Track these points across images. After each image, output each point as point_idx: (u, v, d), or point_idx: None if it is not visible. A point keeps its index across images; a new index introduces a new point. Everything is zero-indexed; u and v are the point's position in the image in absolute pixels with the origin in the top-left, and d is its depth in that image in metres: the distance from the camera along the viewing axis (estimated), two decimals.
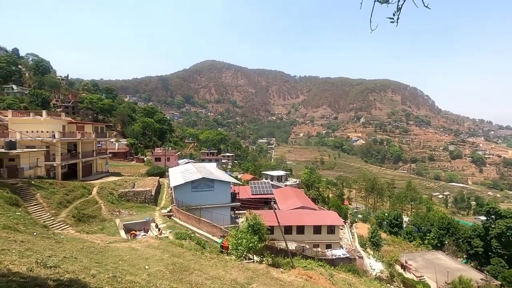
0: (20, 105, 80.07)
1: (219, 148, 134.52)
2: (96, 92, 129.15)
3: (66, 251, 12.91)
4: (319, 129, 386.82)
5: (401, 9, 3.80)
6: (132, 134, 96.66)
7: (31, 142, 35.09)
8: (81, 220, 26.35)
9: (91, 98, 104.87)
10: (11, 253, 9.00)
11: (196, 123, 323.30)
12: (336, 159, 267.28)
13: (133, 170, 56.75)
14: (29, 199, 25.29)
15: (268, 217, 26.52)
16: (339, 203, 70.70)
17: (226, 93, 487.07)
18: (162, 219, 31.04)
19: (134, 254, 16.06)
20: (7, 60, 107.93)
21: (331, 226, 36.11)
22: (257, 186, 53.30)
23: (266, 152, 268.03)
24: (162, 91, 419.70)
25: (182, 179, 36.55)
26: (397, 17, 3.84)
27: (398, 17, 3.84)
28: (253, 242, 21.02)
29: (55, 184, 30.80)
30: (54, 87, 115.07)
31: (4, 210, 20.38)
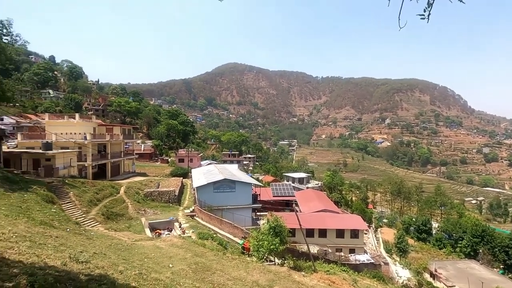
0: (55, 108, 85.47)
1: (240, 150, 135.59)
2: (124, 96, 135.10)
3: (96, 247, 13.54)
4: (342, 130, 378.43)
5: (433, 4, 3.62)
6: (157, 136, 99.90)
7: (65, 143, 37.29)
8: (109, 218, 27.56)
9: (119, 101, 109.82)
10: (47, 248, 9.59)
11: (218, 125, 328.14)
12: (359, 161, 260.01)
13: (158, 170, 58.57)
14: (63, 197, 26.85)
15: (290, 219, 26.33)
16: (363, 206, 68.68)
17: (247, 95, 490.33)
18: (185, 219, 31.72)
19: (159, 252, 16.53)
20: (44, 67, 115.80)
21: (355, 230, 35.10)
22: (278, 188, 53.01)
23: (287, 154, 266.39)
24: (186, 94, 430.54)
25: (204, 180, 37.19)
26: (428, 13, 3.67)
27: (430, 13, 3.67)
28: (274, 244, 20.96)
29: (86, 183, 32.47)
30: (86, 91, 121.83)
31: (41, 207, 21.78)
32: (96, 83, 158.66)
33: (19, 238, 9.51)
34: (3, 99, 31.71)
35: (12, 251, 7.14)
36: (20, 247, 7.95)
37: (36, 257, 7.15)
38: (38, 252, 8.05)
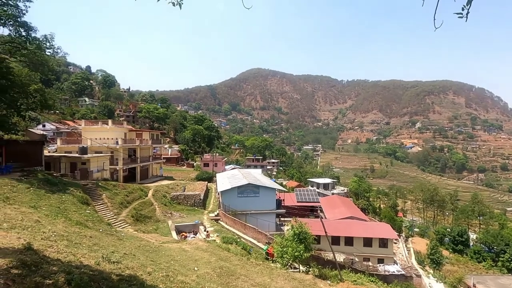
0: (91, 115, 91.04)
1: (264, 155, 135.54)
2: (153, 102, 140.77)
3: (126, 248, 14.09)
4: (369, 135, 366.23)
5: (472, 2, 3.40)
6: (183, 141, 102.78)
7: (99, 148, 39.45)
8: (138, 220, 28.62)
9: (148, 107, 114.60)
10: (82, 247, 10.13)
11: (242, 129, 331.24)
12: (388, 167, 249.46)
13: (183, 174, 60.10)
14: (96, 199, 28.33)
15: (314, 226, 25.78)
16: (392, 214, 65.63)
17: (271, 100, 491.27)
18: (209, 223, 32.16)
19: (184, 255, 16.85)
20: (81, 77, 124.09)
21: (384, 239, 33.58)
22: (302, 193, 52.24)
23: (311, 159, 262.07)
24: (211, 100, 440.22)
25: (228, 184, 37.55)
26: (466, 11, 3.45)
27: (468, 11, 3.45)
28: (299, 251, 20.60)
29: (118, 186, 34.04)
30: (118, 98, 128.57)
31: (77, 208, 23.13)
32: (127, 91, 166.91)
33: (57, 237, 10.13)
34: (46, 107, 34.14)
35: (51, 249, 7.61)
36: (59, 246, 8.46)
37: (73, 256, 7.57)
38: (74, 251, 8.52)
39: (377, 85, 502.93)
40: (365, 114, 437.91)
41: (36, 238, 8.51)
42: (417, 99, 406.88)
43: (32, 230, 10.06)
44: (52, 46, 27.55)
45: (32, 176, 25.18)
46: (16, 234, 8.01)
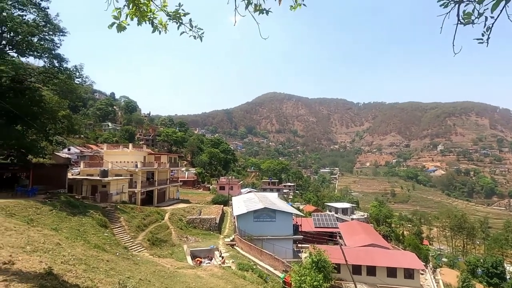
0: (113, 139, 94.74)
1: (280, 178, 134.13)
2: (171, 126, 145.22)
3: (141, 273, 13.96)
4: (388, 157, 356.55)
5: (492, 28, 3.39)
6: (200, 164, 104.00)
7: (119, 171, 40.54)
8: (154, 244, 28.51)
9: (167, 131, 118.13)
10: (99, 272, 10.14)
11: (258, 152, 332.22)
12: (410, 191, 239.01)
13: (200, 197, 60.15)
14: (114, 221, 28.66)
15: (334, 253, 24.65)
16: (416, 242, 61.93)
17: (287, 123, 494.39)
18: (225, 248, 31.50)
19: (199, 282, 16.45)
20: (106, 103, 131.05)
21: (409, 269, 31.43)
22: (320, 218, 50.58)
23: (329, 182, 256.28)
24: (227, 123, 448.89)
25: (244, 208, 37.07)
26: (487, 37, 3.43)
27: (489, 36, 3.43)
28: (318, 281, 19.65)
29: (135, 209, 34.43)
30: (139, 123, 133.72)
31: (95, 230, 23.45)
32: (148, 116, 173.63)
33: (76, 261, 10.22)
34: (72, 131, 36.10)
35: (70, 274, 7.67)
36: (77, 270, 8.51)
37: (90, 281, 7.57)
38: (92, 276, 8.53)
39: (394, 107, 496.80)
40: (383, 136, 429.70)
41: (56, 261, 8.63)
42: (438, 121, 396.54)
43: (53, 253, 10.23)
44: (81, 76, 29.56)
45: (55, 198, 26.01)
46: (38, 257, 8.16)
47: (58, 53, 27.16)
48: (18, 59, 28.05)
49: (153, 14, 4.10)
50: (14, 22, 23.07)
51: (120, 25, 3.91)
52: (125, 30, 4.04)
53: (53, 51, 26.63)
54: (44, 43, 25.84)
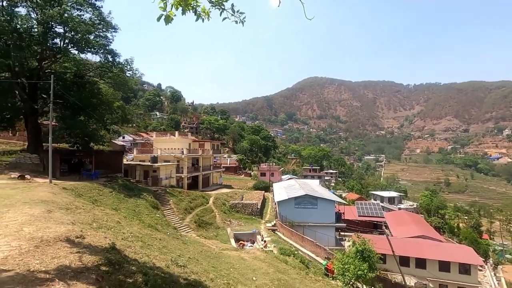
0: (160, 127, 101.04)
1: (321, 165, 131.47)
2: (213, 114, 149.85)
3: (190, 253, 14.98)
4: (442, 144, 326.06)
5: None
6: (241, 151, 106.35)
7: (167, 157, 43.33)
8: (200, 226, 30.27)
9: (209, 119, 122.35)
10: (154, 249, 11.11)
11: (299, 139, 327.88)
12: (468, 180, 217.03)
13: (241, 183, 61.84)
14: (164, 204, 30.96)
15: (379, 243, 23.71)
16: (475, 236, 56.60)
17: (328, 109, 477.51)
18: (266, 232, 32.21)
19: (243, 264, 17.14)
20: (153, 93, 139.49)
21: (465, 264, 29.04)
22: (364, 207, 48.82)
23: (374, 170, 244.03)
24: (267, 110, 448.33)
25: (285, 194, 37.27)
26: None
27: None
28: (362, 270, 19.17)
29: (183, 193, 36.71)
30: (183, 111, 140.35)
31: (148, 211, 25.61)
32: (191, 104, 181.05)
33: (134, 238, 11.32)
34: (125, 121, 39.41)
35: (130, 249, 8.53)
36: (135, 247, 9.43)
37: (147, 257, 8.34)
38: (147, 252, 9.39)
39: (451, 88, 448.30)
40: (437, 120, 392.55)
41: (117, 238, 9.64)
42: (504, 102, 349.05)
43: (115, 230, 11.44)
44: (131, 69, 31.74)
45: (114, 181, 28.84)
46: (103, 233, 9.20)
47: (111, 49, 29.38)
48: (79, 56, 31.01)
49: (196, 2, 4.16)
50: (74, 22, 25.35)
51: (168, 16, 4.04)
52: (172, 22, 4.18)
53: (107, 47, 28.84)
54: (99, 40, 28.07)
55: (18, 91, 26.66)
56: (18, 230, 7.12)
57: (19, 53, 24.08)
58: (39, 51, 27.10)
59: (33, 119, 28.46)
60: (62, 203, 13.09)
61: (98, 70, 31.10)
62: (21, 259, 5.23)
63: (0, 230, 6.97)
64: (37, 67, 27.55)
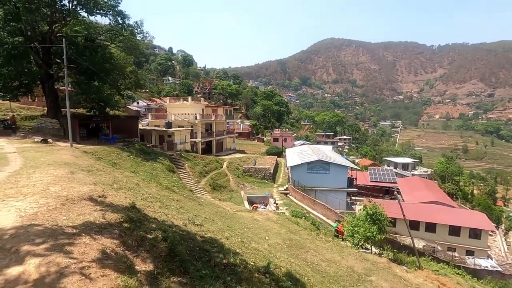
0: (173, 92, 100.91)
1: (335, 131, 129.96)
2: (226, 79, 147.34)
3: (206, 213, 15.72)
4: (464, 109, 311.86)
5: None
6: (254, 116, 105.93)
7: (181, 122, 43.81)
8: (215, 189, 31.40)
9: (222, 84, 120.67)
10: (172, 209, 11.70)
11: (312, 104, 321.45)
12: (487, 147, 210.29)
13: (254, 148, 62.53)
14: (180, 168, 32.00)
15: (390, 207, 24.03)
16: (488, 202, 56.29)
17: (344, 72, 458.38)
18: (279, 196, 33.17)
19: (256, 224, 17.92)
20: (165, 58, 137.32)
21: (476, 229, 29.32)
22: (377, 173, 48.82)
23: (389, 136, 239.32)
24: (281, 74, 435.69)
25: (298, 160, 37.58)
26: None
27: None
28: (371, 232, 19.70)
29: (197, 157, 37.64)
30: (195, 76, 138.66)
31: (165, 174, 26.61)
32: (203, 69, 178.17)
33: (152, 199, 11.90)
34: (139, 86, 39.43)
35: (149, 209, 9.00)
36: (154, 207, 9.94)
37: (165, 216, 8.81)
38: (166, 212, 9.91)
39: (479, 49, 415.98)
40: (461, 84, 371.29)
41: (137, 198, 10.15)
42: None
43: (134, 191, 12.03)
44: (142, 31, 30.91)
45: (131, 146, 29.75)
46: (123, 194, 9.69)
47: (120, 10, 28.44)
48: (88, 19, 30.32)
49: None
50: None
51: None
52: None
53: (116, 8, 27.92)
54: (107, 0, 27.14)
55: (33, 56, 26.80)
56: (45, 189, 7.58)
57: (29, 16, 23.78)
58: (49, 14, 26.63)
59: (50, 85, 28.90)
60: (83, 165, 13.72)
61: (109, 34, 30.53)
62: (49, 215, 5.62)
63: (29, 189, 7.45)
64: (48, 31, 27.29)
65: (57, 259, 3.86)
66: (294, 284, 7.21)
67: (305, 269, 11.01)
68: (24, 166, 11.05)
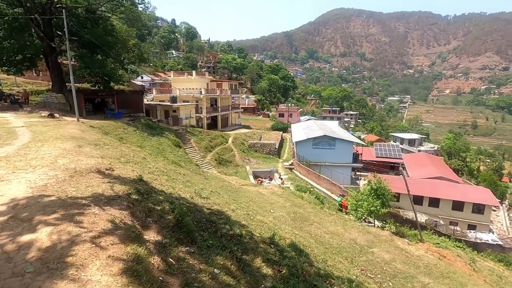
0: (178, 67, 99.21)
1: (341, 106, 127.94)
2: (230, 53, 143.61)
3: (212, 187, 16.00)
4: (476, 84, 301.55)
5: None
6: (259, 91, 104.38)
7: (186, 97, 43.46)
8: (220, 163, 31.77)
9: (226, 58, 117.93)
10: (178, 182, 11.90)
11: (319, 79, 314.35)
12: (497, 123, 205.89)
13: (260, 124, 62.30)
14: (186, 142, 32.24)
15: (394, 183, 24.15)
16: (494, 178, 56.22)
17: (353, 45, 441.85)
18: (284, 171, 33.49)
19: (261, 198, 18.26)
20: (168, 30, 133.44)
21: (479, 204, 29.50)
22: (383, 148, 48.64)
23: (396, 112, 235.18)
24: (287, 48, 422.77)
25: (304, 135, 37.44)
26: None
27: None
28: (375, 206, 19.98)
29: (203, 132, 37.76)
30: (199, 50, 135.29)
31: (171, 149, 26.88)
32: (207, 42, 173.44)
33: (159, 173, 12.09)
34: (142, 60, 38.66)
35: (156, 182, 9.15)
36: (161, 180, 10.11)
37: (172, 189, 8.96)
38: (173, 185, 10.08)
39: (497, 19, 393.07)
40: (475, 57, 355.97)
41: (144, 172, 10.31)
42: None
43: (141, 165, 12.20)
44: (143, 1, 29.82)
45: (137, 121, 29.85)
46: (131, 167, 9.84)
47: None
48: None
49: None
50: None
51: None
52: None
53: None
54: None
55: (34, 29, 26.25)
56: (53, 162, 7.70)
57: None
58: None
59: (53, 58, 28.55)
60: (90, 139, 13.86)
61: (109, 4, 29.51)
62: (59, 186, 5.74)
63: (38, 162, 7.58)
64: (47, 1, 26.47)
65: (68, 228, 3.97)
66: (298, 254, 7.42)
67: (309, 241, 11.31)
68: (32, 140, 11.20)
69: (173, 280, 3.56)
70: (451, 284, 11.65)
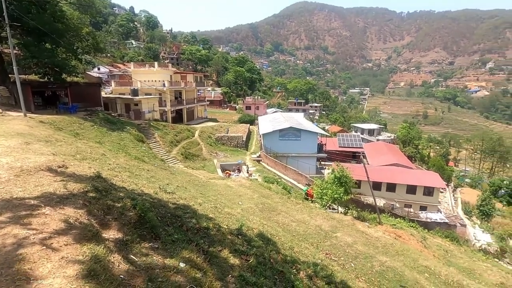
0: (138, 58, 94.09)
1: (306, 98, 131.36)
2: (194, 44, 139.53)
3: (178, 181, 15.62)
4: (427, 77, 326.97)
5: None
6: (225, 83, 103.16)
7: (148, 90, 41.54)
8: (187, 158, 31.07)
9: (190, 49, 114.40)
10: (142, 178, 11.43)
11: (285, 72, 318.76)
12: (444, 113, 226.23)
13: (226, 117, 61.82)
14: (150, 137, 30.95)
15: (356, 171, 25.55)
16: (442, 163, 61.91)
17: (317, 38, 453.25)
18: (251, 163, 33.73)
19: (229, 191, 18.26)
20: (127, 19, 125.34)
21: (429, 187, 32.40)
22: (345, 138, 51.02)
23: (357, 103, 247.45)
24: (252, 40, 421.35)
25: (270, 127, 37.91)
26: None
27: None
28: (338, 194, 21.00)
29: (167, 126, 36.50)
30: (161, 40, 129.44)
31: (134, 144, 25.66)
32: (170, 32, 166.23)
33: (121, 169, 11.50)
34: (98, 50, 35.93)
35: (117, 178, 8.69)
36: (123, 176, 9.62)
37: (135, 185, 8.59)
38: (135, 181, 9.65)
39: (445, 17, 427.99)
40: (425, 52, 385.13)
41: (103, 168, 9.73)
42: (494, 34, 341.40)
43: (100, 161, 11.50)
44: None
45: (94, 115, 27.92)
46: (88, 164, 9.22)
47: None
48: None
49: None
50: None
51: None
52: None
53: None
54: None
55: None
56: None
57: None
58: None
59: None
60: (40, 135, 12.71)
61: None
62: (2, 187, 5.20)
63: None
64: None
65: (13, 230, 3.63)
66: (266, 243, 7.57)
67: (277, 230, 11.59)
68: None
69: (136, 277, 3.44)
70: (405, 260, 12.73)
